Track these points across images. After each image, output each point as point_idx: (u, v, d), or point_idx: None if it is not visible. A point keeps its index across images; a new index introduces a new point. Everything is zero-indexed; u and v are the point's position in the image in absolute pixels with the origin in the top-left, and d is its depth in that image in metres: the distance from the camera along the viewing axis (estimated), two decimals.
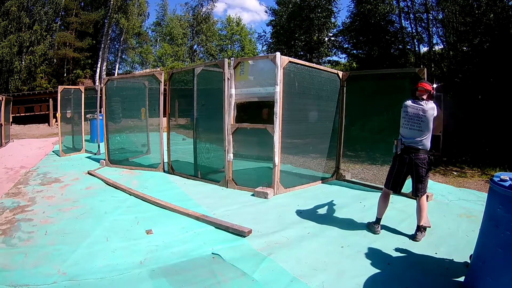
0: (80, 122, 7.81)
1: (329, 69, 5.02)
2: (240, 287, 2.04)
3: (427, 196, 3.78)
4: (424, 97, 2.77)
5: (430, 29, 11.68)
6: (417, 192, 2.77)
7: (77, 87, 8.11)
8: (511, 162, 6.22)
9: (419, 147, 2.70)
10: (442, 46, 11.64)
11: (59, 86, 7.80)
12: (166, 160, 5.48)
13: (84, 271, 2.19)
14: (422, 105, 2.72)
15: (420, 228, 2.76)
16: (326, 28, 16.97)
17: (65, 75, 20.68)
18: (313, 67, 4.69)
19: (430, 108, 2.70)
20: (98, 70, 21.53)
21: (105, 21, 21.43)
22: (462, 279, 2.03)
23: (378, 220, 2.93)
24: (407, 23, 12.86)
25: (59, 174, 5.28)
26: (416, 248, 2.56)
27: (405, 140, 2.75)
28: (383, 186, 3.03)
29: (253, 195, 4.03)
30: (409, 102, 2.82)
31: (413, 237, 2.75)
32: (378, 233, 2.86)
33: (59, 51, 19.72)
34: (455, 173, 5.73)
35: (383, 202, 2.94)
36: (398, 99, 4.49)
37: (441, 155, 7.16)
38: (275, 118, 4.01)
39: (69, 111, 7.86)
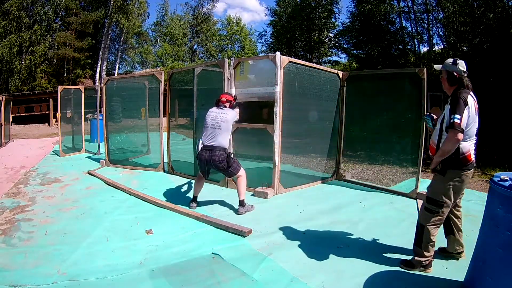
0: (80, 122, 7.81)
1: (329, 69, 5.02)
2: (240, 287, 2.03)
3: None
4: (227, 105, 3.49)
5: (430, 29, 11.69)
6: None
7: (77, 87, 8.11)
8: (511, 162, 6.22)
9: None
10: (442, 46, 11.64)
11: (59, 86, 7.80)
12: (166, 160, 5.48)
13: (84, 271, 2.19)
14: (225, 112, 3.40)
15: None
16: (326, 28, 16.97)
17: (65, 75, 20.68)
18: (313, 67, 4.69)
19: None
20: (98, 70, 21.53)
21: (105, 21, 21.44)
22: (462, 279, 2.03)
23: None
24: (407, 23, 12.88)
25: (59, 174, 5.28)
26: None
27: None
28: (383, 186, 3.05)
29: (253, 195, 4.03)
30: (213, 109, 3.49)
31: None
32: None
33: (59, 51, 19.74)
34: None
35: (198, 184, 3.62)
36: (398, 99, 4.51)
37: None
38: (275, 118, 4.01)
39: (69, 111, 7.86)
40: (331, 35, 17.40)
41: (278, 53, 3.96)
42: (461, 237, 2.37)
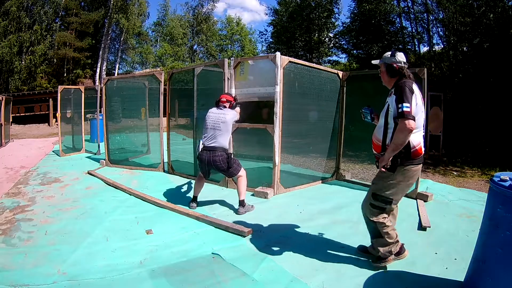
0: (80, 122, 7.80)
1: (329, 69, 5.02)
2: (240, 287, 2.03)
3: (427, 196, 3.81)
4: (227, 105, 3.48)
5: (430, 29, 11.69)
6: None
7: (77, 87, 8.11)
8: (511, 162, 6.22)
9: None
10: (442, 46, 11.64)
11: (59, 86, 7.80)
12: (166, 160, 5.48)
13: (84, 271, 2.19)
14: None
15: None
16: (326, 28, 16.98)
17: (65, 75, 20.69)
18: (313, 67, 4.69)
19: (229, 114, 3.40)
20: (98, 70, 21.54)
21: (105, 21, 21.45)
22: (462, 279, 2.03)
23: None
24: (407, 23, 12.88)
25: (59, 174, 5.28)
26: (416, 248, 2.56)
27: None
28: None
29: (253, 195, 4.03)
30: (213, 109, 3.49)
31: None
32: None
33: (59, 51, 19.73)
34: (455, 173, 5.73)
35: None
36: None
37: (441, 155, 7.17)
38: (275, 118, 4.01)
39: (69, 111, 7.86)
40: (331, 35, 17.41)
41: (278, 53, 3.96)
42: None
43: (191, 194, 3.78)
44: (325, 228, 2.99)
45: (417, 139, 2.03)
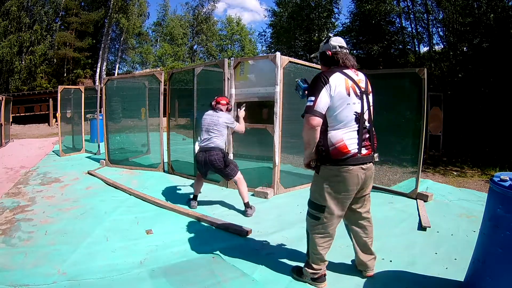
0: (80, 122, 7.80)
1: None
2: (240, 287, 2.03)
3: (427, 196, 3.81)
4: (223, 109, 3.55)
5: (430, 29, 11.69)
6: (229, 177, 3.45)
7: (77, 87, 8.11)
8: (511, 162, 6.22)
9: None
10: (442, 46, 11.65)
11: (59, 86, 7.80)
12: (166, 160, 5.48)
13: (84, 271, 2.19)
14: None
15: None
16: (326, 28, 16.96)
17: (65, 75, 20.69)
18: (313, 67, 4.68)
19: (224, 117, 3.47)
20: (98, 70, 21.55)
21: (105, 21, 21.45)
22: (462, 279, 2.03)
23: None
24: (407, 23, 12.88)
25: (59, 174, 5.28)
26: (416, 248, 2.56)
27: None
28: (383, 186, 3.05)
29: (253, 195, 4.02)
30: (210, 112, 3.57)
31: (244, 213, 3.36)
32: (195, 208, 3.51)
33: (59, 51, 19.75)
34: (455, 173, 5.73)
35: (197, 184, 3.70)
36: (398, 99, 4.51)
37: (441, 155, 7.17)
38: (275, 118, 4.01)
39: (69, 111, 7.86)
40: (331, 35, 17.39)
41: (278, 53, 3.96)
42: (365, 253, 2.06)
43: (191, 194, 3.78)
44: None
45: (338, 135, 1.77)
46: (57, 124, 7.96)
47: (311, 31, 16.86)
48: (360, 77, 1.91)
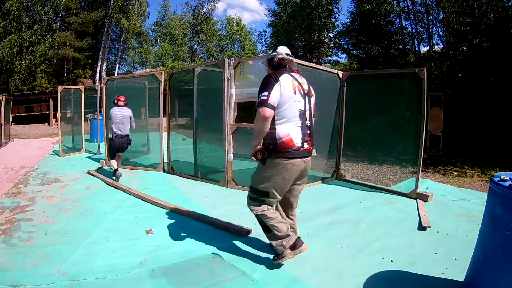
0: (80, 122, 7.81)
1: (329, 69, 5.02)
2: (240, 287, 2.04)
3: (427, 196, 3.81)
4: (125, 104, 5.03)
5: (430, 29, 11.68)
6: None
7: (77, 87, 8.11)
8: (511, 162, 6.22)
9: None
10: (442, 46, 11.64)
11: (59, 86, 7.80)
12: (166, 160, 5.48)
13: (84, 271, 2.19)
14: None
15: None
16: (326, 28, 16.97)
17: (65, 75, 20.69)
18: (313, 67, 4.69)
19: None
20: (98, 70, 21.55)
21: (105, 21, 21.44)
22: (462, 279, 2.03)
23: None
24: (407, 23, 12.87)
25: (59, 174, 5.28)
26: (416, 248, 2.56)
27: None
28: (383, 186, 3.05)
29: None
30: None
31: None
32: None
33: (59, 51, 19.74)
34: (455, 173, 5.73)
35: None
36: (398, 99, 4.51)
37: (441, 155, 7.17)
38: None
39: (69, 111, 7.86)
40: (331, 35, 17.41)
41: None
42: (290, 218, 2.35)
43: (192, 195, 3.78)
44: (325, 228, 2.99)
45: (285, 130, 2.01)
46: (57, 124, 7.97)
47: (311, 31, 16.87)
48: (304, 81, 2.20)
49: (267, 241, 2.67)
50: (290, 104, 2.03)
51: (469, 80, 9.20)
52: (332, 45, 17.23)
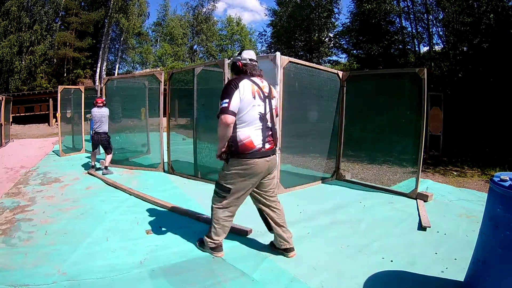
0: (80, 122, 7.81)
1: (329, 69, 5.02)
2: (240, 287, 2.04)
3: (427, 196, 3.81)
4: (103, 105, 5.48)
5: (430, 29, 11.68)
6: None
7: (77, 87, 8.11)
8: (511, 162, 6.22)
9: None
10: (442, 46, 11.64)
11: (59, 86, 7.80)
12: (166, 160, 5.48)
13: (84, 271, 2.19)
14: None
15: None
16: (326, 28, 16.97)
17: (65, 75, 20.69)
18: (313, 67, 4.69)
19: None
20: (98, 70, 21.55)
21: (105, 21, 21.44)
22: (462, 279, 2.03)
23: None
24: (407, 23, 12.87)
25: (59, 174, 5.29)
26: (416, 248, 2.56)
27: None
28: (383, 186, 3.05)
29: None
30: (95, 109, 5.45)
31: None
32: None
33: (59, 51, 19.74)
34: (455, 173, 5.73)
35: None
36: (398, 99, 4.51)
37: (441, 155, 7.17)
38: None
39: (69, 111, 7.86)
40: (331, 35, 17.41)
41: (278, 53, 3.96)
42: (284, 232, 2.36)
43: (192, 195, 3.78)
44: (325, 228, 2.99)
45: (245, 133, 2.12)
46: (57, 124, 7.97)
47: (311, 31, 16.87)
48: (265, 84, 2.29)
49: (267, 241, 2.68)
50: (250, 108, 2.12)
51: (469, 80, 9.20)
52: (332, 45, 17.24)
